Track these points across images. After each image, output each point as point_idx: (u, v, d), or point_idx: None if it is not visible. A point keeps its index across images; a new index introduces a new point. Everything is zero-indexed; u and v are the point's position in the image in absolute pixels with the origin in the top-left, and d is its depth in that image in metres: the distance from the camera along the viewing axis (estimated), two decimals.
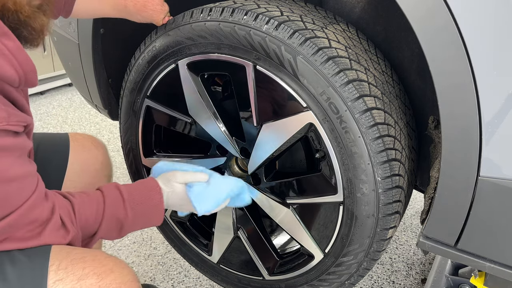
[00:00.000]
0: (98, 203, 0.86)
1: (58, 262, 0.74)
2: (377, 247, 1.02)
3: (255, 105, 1.03)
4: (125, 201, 0.88)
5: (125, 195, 0.88)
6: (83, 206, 0.84)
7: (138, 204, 0.89)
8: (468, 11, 0.70)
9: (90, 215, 0.84)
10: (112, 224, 0.87)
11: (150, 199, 0.91)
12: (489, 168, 0.76)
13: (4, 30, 0.65)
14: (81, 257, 0.76)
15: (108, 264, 0.77)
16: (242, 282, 1.35)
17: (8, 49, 0.65)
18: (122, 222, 0.88)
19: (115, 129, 2.98)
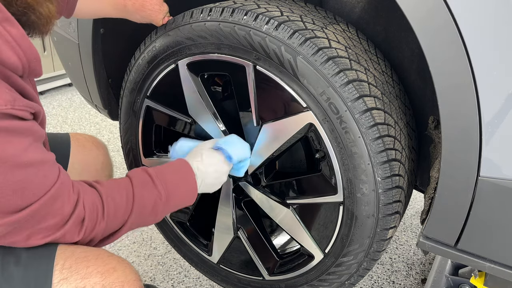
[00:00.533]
0: (127, 186, 0.84)
1: (63, 261, 0.75)
2: (377, 247, 1.02)
3: (255, 105, 1.03)
4: (153, 179, 0.87)
5: (153, 175, 0.88)
6: (111, 194, 0.82)
7: (168, 179, 0.89)
8: (468, 11, 0.70)
9: (120, 201, 0.82)
10: (145, 203, 0.85)
11: (181, 172, 0.92)
12: (489, 168, 0.76)
13: (6, 16, 0.64)
14: (84, 256, 0.76)
15: (111, 262, 0.77)
16: (242, 282, 1.35)
17: (11, 35, 0.64)
18: (156, 202, 0.86)
19: (115, 129, 2.98)
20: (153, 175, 0.88)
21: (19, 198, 0.67)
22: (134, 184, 0.86)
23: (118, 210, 0.82)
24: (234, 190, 1.23)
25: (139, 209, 0.85)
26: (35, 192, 0.69)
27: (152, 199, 0.87)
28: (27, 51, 0.67)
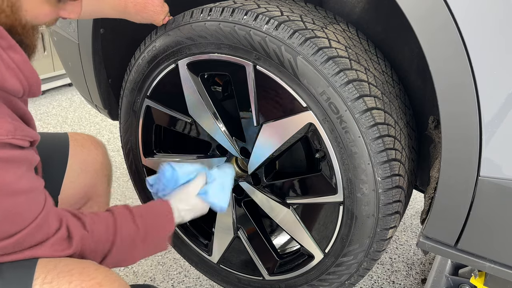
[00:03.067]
0: (108, 219, 0.85)
1: (44, 275, 0.71)
2: (377, 247, 1.02)
3: (255, 105, 1.03)
4: (134, 215, 0.88)
5: (133, 210, 0.89)
6: (94, 223, 0.82)
7: (147, 219, 0.89)
8: (468, 11, 0.70)
9: (102, 231, 0.82)
10: (125, 241, 0.85)
11: (159, 215, 0.92)
12: (489, 168, 0.76)
13: (11, 43, 0.66)
14: (68, 270, 0.72)
15: (97, 277, 0.73)
16: (242, 282, 1.35)
17: (15, 62, 0.67)
18: (134, 237, 0.86)
19: (115, 129, 2.98)
20: (134, 213, 0.89)
21: (9, 224, 0.69)
22: (116, 217, 0.86)
23: (100, 239, 0.82)
24: (234, 190, 1.23)
25: (120, 239, 0.84)
26: (25, 218, 0.70)
27: (131, 233, 0.86)
28: (28, 76, 0.69)
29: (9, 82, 0.66)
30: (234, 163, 1.24)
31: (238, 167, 1.24)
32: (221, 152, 1.24)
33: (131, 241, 0.86)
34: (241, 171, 1.24)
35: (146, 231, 0.88)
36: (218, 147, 1.23)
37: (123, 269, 1.60)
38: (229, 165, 1.15)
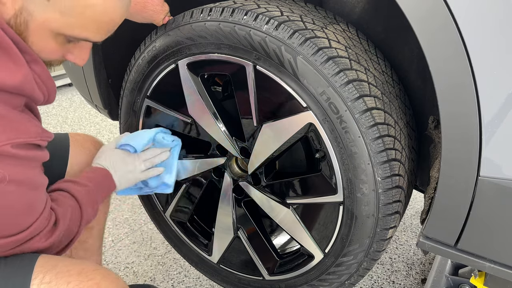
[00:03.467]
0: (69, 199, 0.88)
1: (42, 275, 0.72)
2: (377, 247, 1.02)
3: (255, 105, 1.03)
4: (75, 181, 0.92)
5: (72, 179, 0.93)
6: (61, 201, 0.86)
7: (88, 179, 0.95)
8: (468, 11, 0.70)
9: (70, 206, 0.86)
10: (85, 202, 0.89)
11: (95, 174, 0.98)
12: (489, 168, 0.76)
13: (33, 57, 0.71)
14: (67, 270, 0.73)
15: (95, 277, 0.74)
16: (242, 282, 1.35)
17: (37, 73, 0.72)
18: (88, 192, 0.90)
19: (115, 129, 2.98)
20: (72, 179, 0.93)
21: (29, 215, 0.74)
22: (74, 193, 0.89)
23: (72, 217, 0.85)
24: (234, 190, 1.23)
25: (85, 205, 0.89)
26: (39, 210, 0.76)
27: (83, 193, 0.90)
28: (48, 86, 0.75)
29: (36, 91, 0.72)
30: (234, 163, 1.24)
31: (238, 167, 1.24)
32: (221, 152, 1.24)
33: (88, 200, 0.90)
34: (241, 171, 1.24)
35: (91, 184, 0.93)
36: (218, 147, 1.23)
37: (123, 269, 1.60)
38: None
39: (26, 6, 0.67)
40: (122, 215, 1.93)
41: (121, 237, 1.79)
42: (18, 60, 0.67)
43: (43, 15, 0.68)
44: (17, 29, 0.68)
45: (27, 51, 0.70)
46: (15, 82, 0.66)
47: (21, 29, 0.69)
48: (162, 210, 1.40)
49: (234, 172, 1.24)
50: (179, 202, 1.36)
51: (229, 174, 1.23)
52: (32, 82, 0.70)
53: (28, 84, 0.69)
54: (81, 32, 0.72)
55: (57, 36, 0.72)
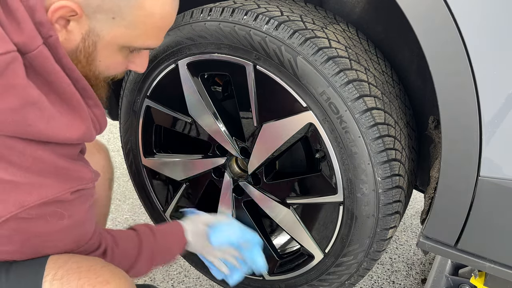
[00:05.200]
0: (134, 236, 0.94)
1: (54, 271, 0.73)
2: (377, 247, 1.02)
3: (255, 105, 1.03)
4: (152, 229, 0.98)
5: (151, 226, 0.99)
6: (122, 240, 0.91)
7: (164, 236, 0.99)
8: (468, 11, 0.70)
9: (128, 246, 0.92)
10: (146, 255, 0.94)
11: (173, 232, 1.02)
12: (489, 168, 0.76)
13: (97, 103, 0.74)
14: (77, 267, 0.75)
15: (104, 274, 0.76)
16: (242, 282, 1.34)
17: (97, 117, 0.75)
18: (153, 250, 0.95)
19: (115, 129, 2.98)
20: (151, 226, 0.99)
21: (75, 246, 0.79)
22: (139, 232, 0.95)
23: (127, 254, 0.91)
24: (234, 190, 1.23)
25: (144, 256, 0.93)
26: (85, 239, 0.81)
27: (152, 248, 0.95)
28: (103, 125, 0.79)
29: (93, 135, 0.75)
30: (234, 163, 1.24)
31: (238, 167, 1.24)
32: (221, 152, 1.24)
33: (150, 254, 0.95)
34: (241, 171, 1.24)
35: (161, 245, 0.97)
36: (218, 147, 1.23)
37: None
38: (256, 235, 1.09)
39: (93, 27, 0.68)
40: (122, 215, 1.93)
41: None
42: (84, 114, 0.70)
43: (110, 32, 0.69)
44: (85, 52, 0.70)
45: (92, 97, 0.73)
46: (79, 135, 0.70)
47: (90, 51, 0.70)
48: (162, 210, 1.40)
49: (234, 172, 1.24)
50: (179, 202, 1.36)
51: (229, 174, 1.23)
52: (91, 129, 0.73)
53: (88, 133, 0.72)
54: (144, 41, 0.73)
55: (122, 50, 0.74)
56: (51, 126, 0.65)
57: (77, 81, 0.69)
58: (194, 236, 1.02)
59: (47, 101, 0.64)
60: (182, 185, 1.33)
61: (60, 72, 0.66)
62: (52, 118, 0.65)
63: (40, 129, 0.64)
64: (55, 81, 0.65)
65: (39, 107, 0.63)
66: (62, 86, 0.66)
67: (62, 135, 0.67)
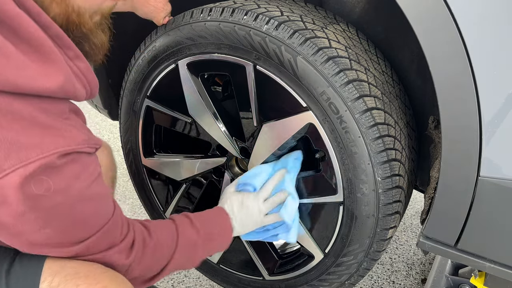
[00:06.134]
0: (170, 225, 0.90)
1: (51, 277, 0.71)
2: (377, 247, 1.02)
3: (255, 105, 1.03)
4: (192, 221, 0.93)
5: (191, 216, 0.95)
6: (157, 229, 0.87)
7: (206, 223, 0.95)
8: (468, 11, 0.70)
9: (165, 237, 0.87)
10: (187, 245, 0.90)
11: (217, 219, 0.98)
12: (489, 168, 0.76)
13: (77, 53, 0.69)
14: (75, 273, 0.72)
15: (103, 280, 0.73)
16: (242, 282, 1.35)
17: (81, 70, 0.70)
18: (196, 242, 0.92)
19: (115, 129, 2.98)
20: (191, 216, 0.95)
21: (79, 230, 0.71)
22: (177, 224, 0.91)
23: (165, 240, 0.87)
24: None
25: (182, 245, 0.89)
26: (95, 225, 0.72)
27: (192, 238, 0.91)
28: (91, 81, 0.73)
29: (78, 90, 0.69)
30: (234, 163, 1.24)
31: (238, 167, 1.24)
32: (221, 152, 1.24)
33: (192, 245, 0.91)
34: (241, 171, 1.24)
35: (205, 233, 0.93)
36: (218, 147, 1.23)
37: None
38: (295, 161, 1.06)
39: None
40: None
41: None
42: (61, 63, 0.65)
43: None
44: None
45: (70, 47, 0.68)
46: (57, 85, 0.63)
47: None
48: (162, 210, 1.40)
49: (234, 172, 1.24)
50: (179, 202, 1.36)
51: (229, 174, 1.23)
52: (72, 81, 0.67)
53: (69, 84, 0.66)
54: None
55: None
56: (21, 75, 0.59)
57: (47, 27, 0.64)
58: (237, 217, 1.00)
59: (13, 48, 0.59)
60: (182, 185, 1.33)
61: (23, 17, 0.60)
62: (21, 66, 0.60)
63: (8, 78, 0.58)
64: (20, 27, 0.60)
65: (3, 54, 0.58)
66: (29, 31, 0.61)
67: (36, 85, 0.61)
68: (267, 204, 1.03)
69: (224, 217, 1.00)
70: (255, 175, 1.05)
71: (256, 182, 1.04)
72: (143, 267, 0.83)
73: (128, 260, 0.79)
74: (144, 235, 0.84)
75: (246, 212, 1.02)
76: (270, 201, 1.03)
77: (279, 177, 1.04)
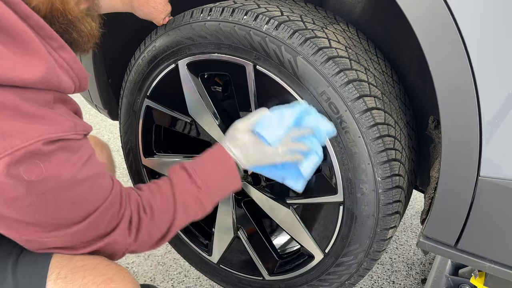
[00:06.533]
0: (166, 186, 0.88)
1: (58, 270, 0.73)
2: (377, 247, 1.02)
3: (255, 105, 1.03)
4: (191, 175, 0.89)
5: (189, 170, 0.89)
6: (152, 196, 0.86)
7: (207, 174, 0.90)
8: (468, 11, 0.70)
9: (161, 205, 0.86)
10: (189, 202, 0.88)
11: (220, 163, 0.92)
12: (489, 168, 0.76)
13: (61, 44, 0.68)
14: (81, 265, 0.74)
15: (108, 273, 0.75)
16: (242, 282, 1.35)
17: (66, 61, 0.69)
18: (198, 196, 0.89)
19: (115, 129, 2.98)
20: (190, 170, 0.90)
21: (77, 211, 0.71)
22: (174, 183, 0.88)
23: (161, 209, 0.85)
24: None
25: (182, 206, 0.88)
26: (93, 203, 0.73)
27: (193, 194, 0.89)
28: (78, 72, 0.72)
29: (64, 82, 0.68)
30: None
31: None
32: None
33: (193, 203, 0.89)
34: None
35: (207, 185, 0.90)
36: None
37: None
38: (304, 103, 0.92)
39: None
40: None
41: None
42: (43, 54, 0.64)
43: None
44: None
45: (53, 37, 0.67)
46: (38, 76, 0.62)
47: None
48: None
49: None
50: None
51: None
52: (56, 72, 0.66)
53: (52, 75, 0.65)
54: None
55: None
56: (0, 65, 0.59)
57: (27, 17, 0.63)
58: (244, 151, 0.92)
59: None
60: None
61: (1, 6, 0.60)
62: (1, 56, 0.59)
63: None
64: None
65: None
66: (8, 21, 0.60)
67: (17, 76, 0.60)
68: (284, 146, 0.92)
69: (229, 164, 0.92)
70: (272, 124, 0.91)
71: (272, 137, 0.90)
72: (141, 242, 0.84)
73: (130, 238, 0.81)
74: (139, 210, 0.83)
75: (261, 155, 0.93)
76: (290, 145, 0.92)
77: (304, 133, 0.92)
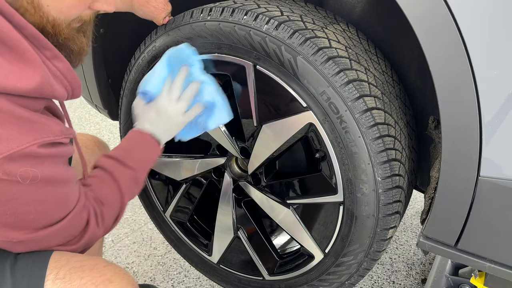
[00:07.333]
0: (107, 178, 0.90)
1: (56, 270, 0.73)
2: (377, 247, 1.02)
3: (255, 105, 1.03)
4: (121, 161, 0.92)
5: (118, 157, 0.93)
6: (100, 189, 0.88)
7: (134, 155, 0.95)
8: (468, 10, 0.70)
9: (109, 193, 0.88)
10: (129, 184, 0.92)
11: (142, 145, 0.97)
12: (489, 168, 0.76)
13: (55, 53, 0.70)
14: (80, 266, 0.75)
15: (106, 273, 0.76)
16: (242, 282, 1.35)
17: (59, 70, 0.71)
18: (134, 175, 0.93)
19: (115, 129, 2.98)
20: (119, 157, 0.93)
21: (60, 210, 0.75)
22: (110, 172, 0.91)
23: (112, 197, 0.88)
24: (234, 190, 1.23)
25: (126, 189, 0.91)
26: (72, 203, 0.77)
27: (131, 176, 0.93)
28: (72, 81, 0.74)
29: (57, 91, 0.70)
30: (234, 163, 1.24)
31: (238, 167, 1.24)
32: (221, 152, 1.24)
33: (134, 181, 0.93)
34: (241, 171, 1.24)
35: (139, 163, 0.94)
36: (218, 147, 1.23)
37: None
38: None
39: None
40: None
41: (121, 237, 1.79)
42: (37, 63, 0.66)
43: None
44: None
45: (47, 47, 0.68)
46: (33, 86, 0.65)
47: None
48: (162, 210, 1.40)
49: (234, 172, 1.24)
50: (179, 202, 1.36)
51: (229, 174, 1.23)
52: (50, 81, 0.68)
53: (46, 85, 0.68)
54: None
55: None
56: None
57: (22, 27, 0.64)
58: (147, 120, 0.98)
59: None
60: (182, 185, 1.33)
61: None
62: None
63: None
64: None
65: None
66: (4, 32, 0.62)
67: (11, 85, 0.62)
68: (182, 102, 0.99)
69: (146, 139, 0.97)
70: (151, 78, 1.00)
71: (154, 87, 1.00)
72: (105, 228, 0.87)
73: (99, 229, 0.83)
74: (97, 203, 0.85)
75: (166, 119, 0.98)
76: (184, 97, 0.99)
77: (184, 73, 0.99)
